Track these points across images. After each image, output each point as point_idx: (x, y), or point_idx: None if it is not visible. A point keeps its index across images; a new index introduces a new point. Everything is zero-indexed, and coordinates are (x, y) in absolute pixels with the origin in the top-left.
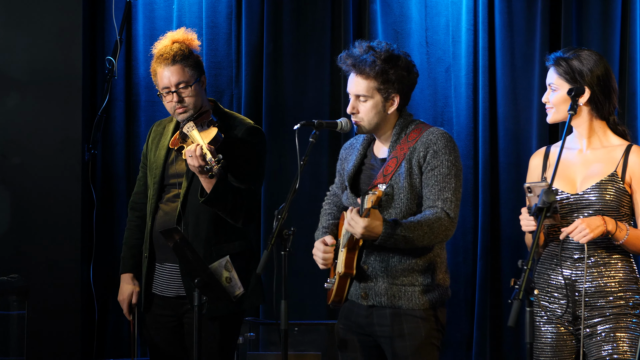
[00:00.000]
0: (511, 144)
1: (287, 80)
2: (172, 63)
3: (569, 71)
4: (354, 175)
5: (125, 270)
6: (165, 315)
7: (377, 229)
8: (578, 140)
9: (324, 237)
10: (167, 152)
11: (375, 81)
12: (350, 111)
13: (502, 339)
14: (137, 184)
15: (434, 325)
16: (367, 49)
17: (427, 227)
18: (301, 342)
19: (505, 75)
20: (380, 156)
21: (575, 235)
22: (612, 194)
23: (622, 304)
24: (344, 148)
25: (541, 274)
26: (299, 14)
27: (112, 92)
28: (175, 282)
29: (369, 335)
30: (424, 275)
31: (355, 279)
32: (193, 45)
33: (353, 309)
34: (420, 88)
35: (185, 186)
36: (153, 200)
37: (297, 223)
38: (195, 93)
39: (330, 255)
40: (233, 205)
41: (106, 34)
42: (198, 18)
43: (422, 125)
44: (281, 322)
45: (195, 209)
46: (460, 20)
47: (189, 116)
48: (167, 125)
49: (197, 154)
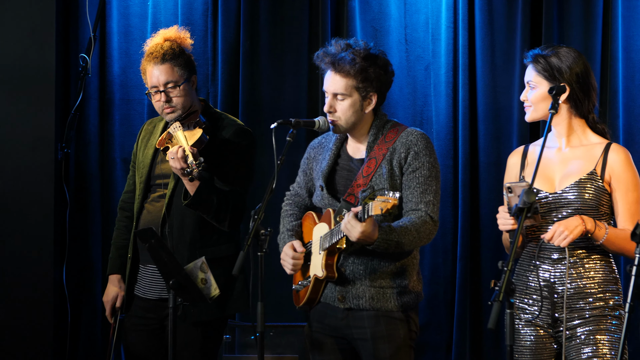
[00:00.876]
0: (491, 143)
1: (264, 78)
2: (161, 62)
3: (547, 68)
4: (327, 176)
5: (113, 271)
6: (147, 317)
7: (373, 235)
8: (557, 138)
9: (293, 242)
10: (155, 151)
11: (354, 80)
12: (327, 110)
13: (482, 341)
14: (127, 183)
15: (410, 327)
16: (346, 46)
17: (415, 231)
18: (278, 345)
19: (486, 73)
20: (357, 157)
21: (555, 240)
22: (591, 193)
23: (602, 305)
24: (312, 146)
25: (519, 275)
26: (276, 11)
27: (86, 90)
28: (159, 284)
29: (343, 338)
30: (401, 277)
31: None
32: (185, 44)
33: (327, 312)
34: (399, 86)
35: (171, 187)
36: (139, 199)
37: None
38: (184, 93)
39: (300, 262)
40: (217, 208)
41: (80, 30)
42: (173, 15)
43: (398, 125)
44: (258, 324)
45: (181, 210)
46: (440, 17)
47: (177, 116)
48: (158, 124)
49: (179, 156)
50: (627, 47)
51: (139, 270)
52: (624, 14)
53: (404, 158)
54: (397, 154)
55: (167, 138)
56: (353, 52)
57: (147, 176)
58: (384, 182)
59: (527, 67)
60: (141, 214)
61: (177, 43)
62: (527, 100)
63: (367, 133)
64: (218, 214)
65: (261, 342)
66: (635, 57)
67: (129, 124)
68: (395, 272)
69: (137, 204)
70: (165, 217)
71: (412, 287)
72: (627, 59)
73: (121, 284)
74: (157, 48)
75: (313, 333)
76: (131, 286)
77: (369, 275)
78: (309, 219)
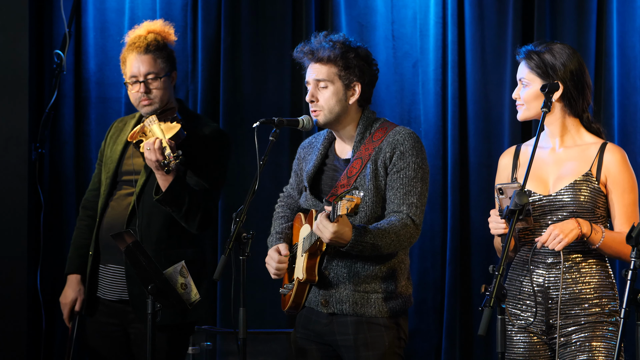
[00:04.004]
0: (482, 143)
1: (246, 76)
2: (144, 52)
3: (540, 65)
4: (314, 176)
5: (71, 271)
6: (110, 323)
7: (346, 235)
8: (550, 138)
9: (278, 245)
10: (124, 146)
11: (336, 66)
12: (309, 99)
13: (472, 348)
14: (92, 182)
15: (397, 334)
16: (324, 37)
17: (394, 234)
18: (260, 352)
19: (476, 70)
20: (343, 157)
21: (549, 244)
22: (587, 195)
23: (598, 311)
24: (302, 147)
25: (512, 280)
26: (258, 5)
27: (61, 87)
28: (118, 285)
29: (328, 345)
30: (387, 282)
31: (315, 285)
32: (169, 39)
33: (311, 317)
34: (386, 84)
35: (140, 184)
36: (104, 196)
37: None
38: (164, 87)
39: (285, 266)
40: (188, 207)
41: (54, 26)
42: (151, 10)
43: (387, 124)
44: (239, 330)
45: (148, 209)
46: (428, 12)
47: (153, 110)
48: (129, 122)
49: (156, 147)
50: (622, 44)
51: (98, 270)
52: (618, 9)
53: (389, 158)
54: (382, 153)
55: (140, 131)
56: (332, 40)
57: (115, 172)
58: (368, 182)
59: (520, 64)
60: (105, 211)
61: (162, 36)
62: (519, 98)
63: (354, 132)
64: (188, 213)
65: (243, 349)
66: (630, 53)
67: (106, 123)
68: (381, 276)
69: (102, 200)
70: (132, 215)
71: (400, 292)
72: (622, 55)
73: (80, 286)
74: (141, 39)
75: (298, 339)
76: (93, 287)
77: (352, 279)
78: (298, 220)
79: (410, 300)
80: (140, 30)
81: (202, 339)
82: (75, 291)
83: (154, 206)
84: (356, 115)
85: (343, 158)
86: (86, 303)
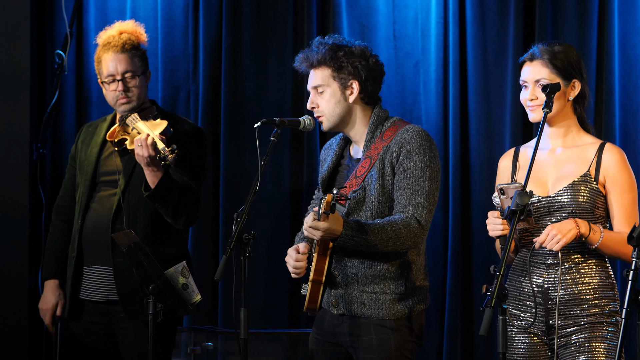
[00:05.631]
0: (483, 143)
1: (247, 76)
2: (121, 51)
3: (566, 65)
4: (328, 178)
5: (49, 276)
6: (97, 322)
7: (337, 231)
8: (550, 139)
9: (298, 245)
10: (100, 148)
11: (328, 68)
12: (310, 106)
13: (473, 348)
14: (63, 187)
15: (405, 336)
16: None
17: (392, 232)
18: (262, 352)
19: (477, 71)
20: (356, 156)
21: (547, 244)
22: (586, 196)
23: (598, 312)
24: (324, 149)
25: (513, 281)
26: (259, 6)
27: (62, 88)
28: (105, 285)
29: (340, 345)
30: (396, 282)
31: (327, 286)
32: (141, 39)
33: (325, 318)
34: (387, 84)
35: (122, 184)
36: (83, 199)
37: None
38: (141, 85)
39: (303, 264)
40: (177, 202)
41: (55, 26)
42: (153, 10)
43: (399, 122)
44: (241, 330)
45: (133, 207)
46: (430, 12)
47: (131, 108)
48: (100, 125)
49: (149, 143)
50: (623, 44)
51: (82, 272)
52: (620, 9)
53: (396, 157)
54: (390, 152)
55: (121, 130)
56: (321, 43)
57: (93, 174)
58: (374, 182)
59: (533, 64)
60: (87, 213)
61: (135, 36)
62: (537, 98)
63: (365, 131)
64: (177, 208)
65: (245, 350)
66: (632, 53)
67: None
68: (389, 276)
69: (82, 203)
70: (117, 214)
71: (412, 292)
72: (623, 55)
73: (59, 290)
74: (116, 38)
75: (314, 339)
76: (75, 290)
77: (361, 280)
78: None
79: (426, 300)
80: (113, 31)
81: (203, 339)
82: (56, 296)
83: (138, 204)
84: (363, 113)
85: (355, 158)
86: (68, 306)
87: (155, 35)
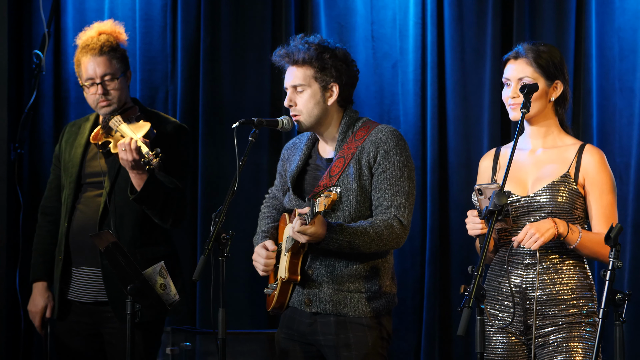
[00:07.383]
0: (461, 144)
1: (225, 76)
2: (99, 54)
3: (550, 64)
4: (297, 177)
5: (38, 278)
6: (82, 322)
7: (321, 233)
8: (531, 140)
9: (265, 242)
10: (84, 149)
11: (311, 68)
12: (287, 104)
13: (451, 348)
14: (48, 187)
15: (380, 334)
16: (300, 39)
17: (374, 234)
18: (240, 352)
19: (455, 71)
20: (326, 156)
21: (525, 242)
22: (565, 196)
23: (576, 312)
24: (286, 148)
25: (491, 281)
26: (238, 6)
27: (40, 88)
28: (94, 286)
29: (312, 345)
30: (371, 281)
31: (298, 285)
32: (120, 39)
33: (295, 317)
34: (365, 85)
35: (108, 185)
36: (69, 200)
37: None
38: (121, 87)
39: (272, 262)
40: (164, 203)
41: (33, 26)
42: (131, 10)
43: (369, 122)
44: (219, 331)
45: (120, 209)
46: (408, 13)
47: (112, 110)
48: (84, 125)
49: (132, 147)
50: (601, 44)
51: (71, 273)
52: (597, 10)
53: (373, 157)
54: (366, 152)
55: (104, 132)
56: (307, 42)
57: (78, 175)
58: (352, 181)
59: (517, 62)
60: (73, 214)
61: (114, 37)
62: (518, 96)
63: (336, 132)
64: (164, 209)
65: (223, 350)
66: (609, 54)
67: None
68: (364, 275)
69: (68, 205)
70: (104, 216)
71: (383, 291)
72: (601, 56)
73: (48, 292)
74: (94, 40)
75: (282, 339)
76: (63, 291)
77: (335, 279)
78: (283, 220)
79: (395, 300)
80: (91, 32)
81: (181, 339)
82: (45, 298)
83: (125, 205)
84: (337, 115)
85: (326, 157)
86: (57, 307)
87: (134, 35)
